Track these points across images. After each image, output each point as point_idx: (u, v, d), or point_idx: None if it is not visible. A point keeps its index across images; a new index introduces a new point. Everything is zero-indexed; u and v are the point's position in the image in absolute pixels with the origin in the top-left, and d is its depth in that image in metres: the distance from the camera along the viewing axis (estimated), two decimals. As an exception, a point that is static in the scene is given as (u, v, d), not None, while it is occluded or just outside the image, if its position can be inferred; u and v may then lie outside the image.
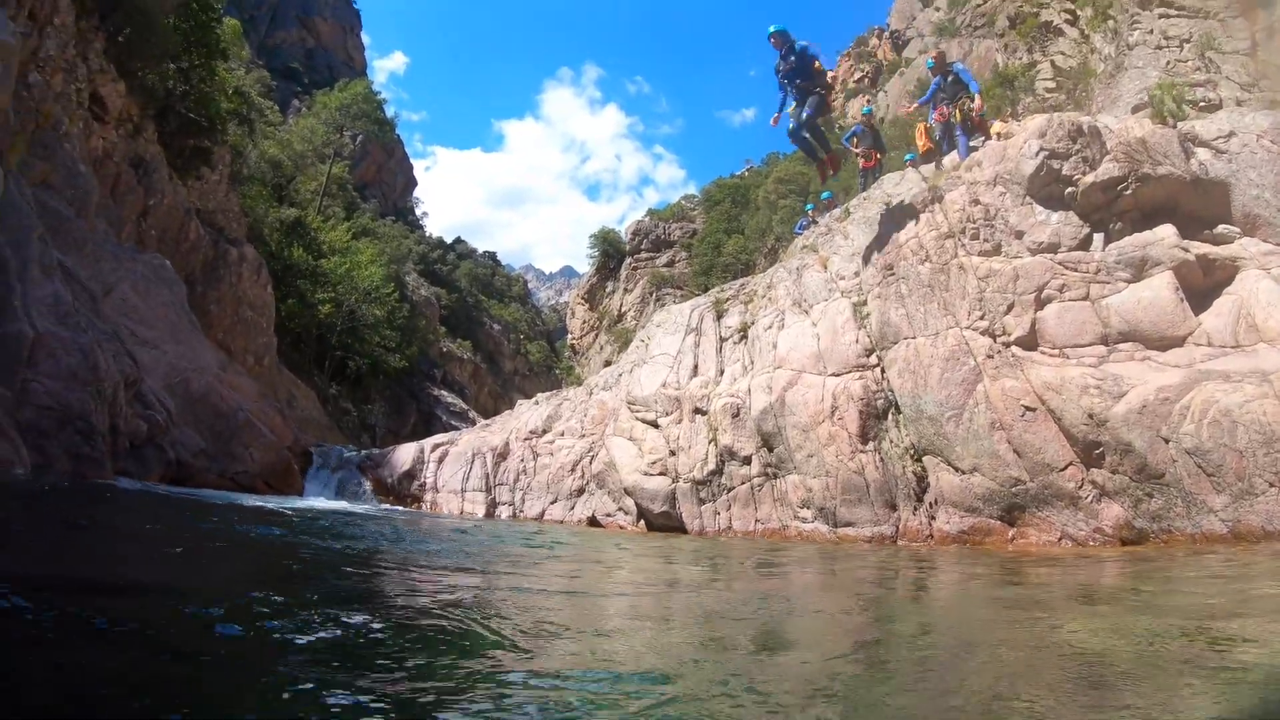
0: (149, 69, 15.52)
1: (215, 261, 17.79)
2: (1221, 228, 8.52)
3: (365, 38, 77.86)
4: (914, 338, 9.60)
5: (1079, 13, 20.63)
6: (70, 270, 9.69)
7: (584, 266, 55.09)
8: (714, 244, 42.64)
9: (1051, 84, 21.27)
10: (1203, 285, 8.31)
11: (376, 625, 3.09)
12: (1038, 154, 9.23)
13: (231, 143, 21.68)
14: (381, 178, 60.65)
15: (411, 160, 70.47)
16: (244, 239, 20.80)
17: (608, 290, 51.01)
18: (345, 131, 41.76)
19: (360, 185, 53.14)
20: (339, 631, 2.91)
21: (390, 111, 49.43)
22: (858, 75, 49.92)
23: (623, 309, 48.27)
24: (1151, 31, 16.24)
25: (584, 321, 52.03)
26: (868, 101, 32.89)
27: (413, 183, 69.67)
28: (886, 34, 49.27)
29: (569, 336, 56.14)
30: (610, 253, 51.45)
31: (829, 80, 10.54)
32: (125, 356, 9.91)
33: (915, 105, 14.70)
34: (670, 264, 47.94)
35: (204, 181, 19.03)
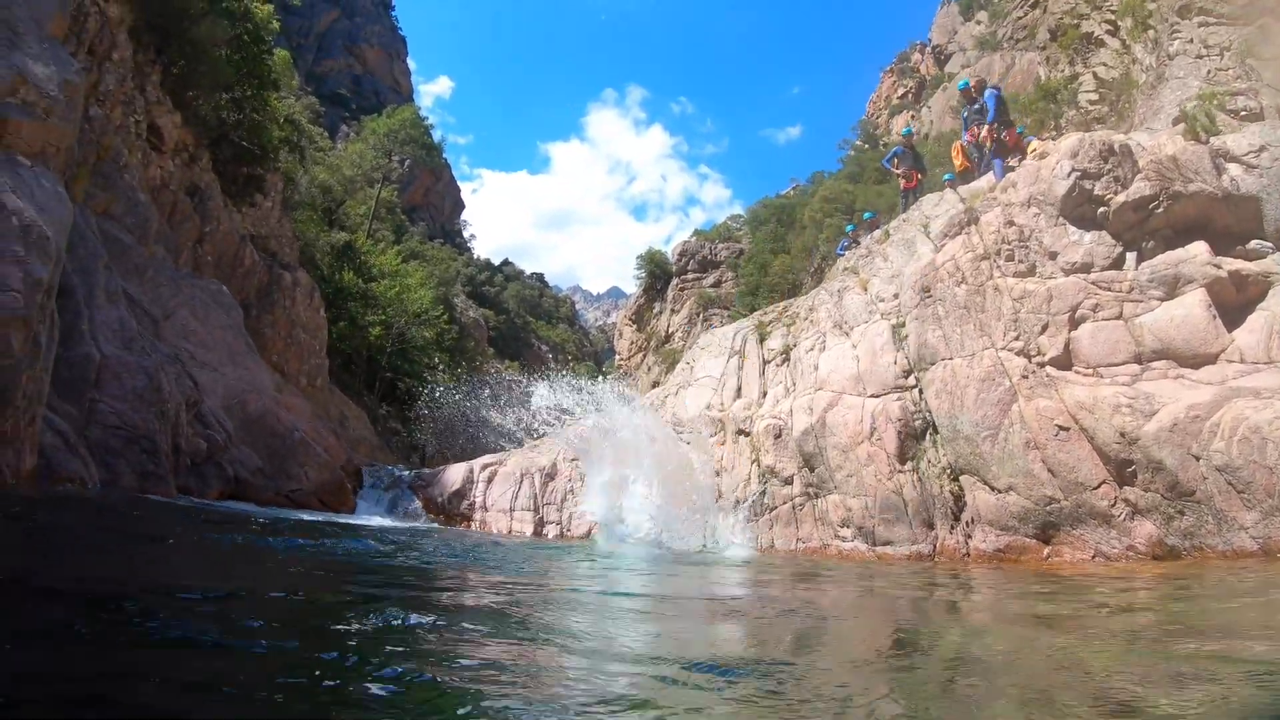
0: (203, 100, 16.28)
1: (269, 286, 18.55)
2: (1254, 243, 8.57)
3: (411, 63, 79.93)
4: (951, 359, 9.78)
5: (1120, 23, 20.54)
6: (132, 296, 10.36)
7: (631, 287, 55.53)
8: (760, 264, 42.70)
9: (1094, 96, 21.18)
10: (1236, 301, 8.37)
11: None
12: (1069, 174, 9.38)
13: (283, 170, 22.48)
14: (429, 201, 62.15)
15: (459, 183, 72.09)
16: (297, 264, 21.60)
17: (655, 311, 51.39)
18: (393, 156, 42.95)
19: (409, 208, 54.52)
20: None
21: (437, 135, 50.81)
22: (901, 91, 49.78)
23: (670, 329, 48.57)
24: (1191, 40, 16.17)
25: (631, 342, 52.46)
26: (908, 121, 32.89)
27: (460, 205, 71.17)
28: (929, 49, 49.11)
29: (616, 357, 56.60)
30: (657, 273, 51.84)
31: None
32: (186, 378, 10.55)
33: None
34: (717, 284, 48.14)
35: (257, 208, 19.78)
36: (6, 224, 5.63)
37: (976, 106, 13.23)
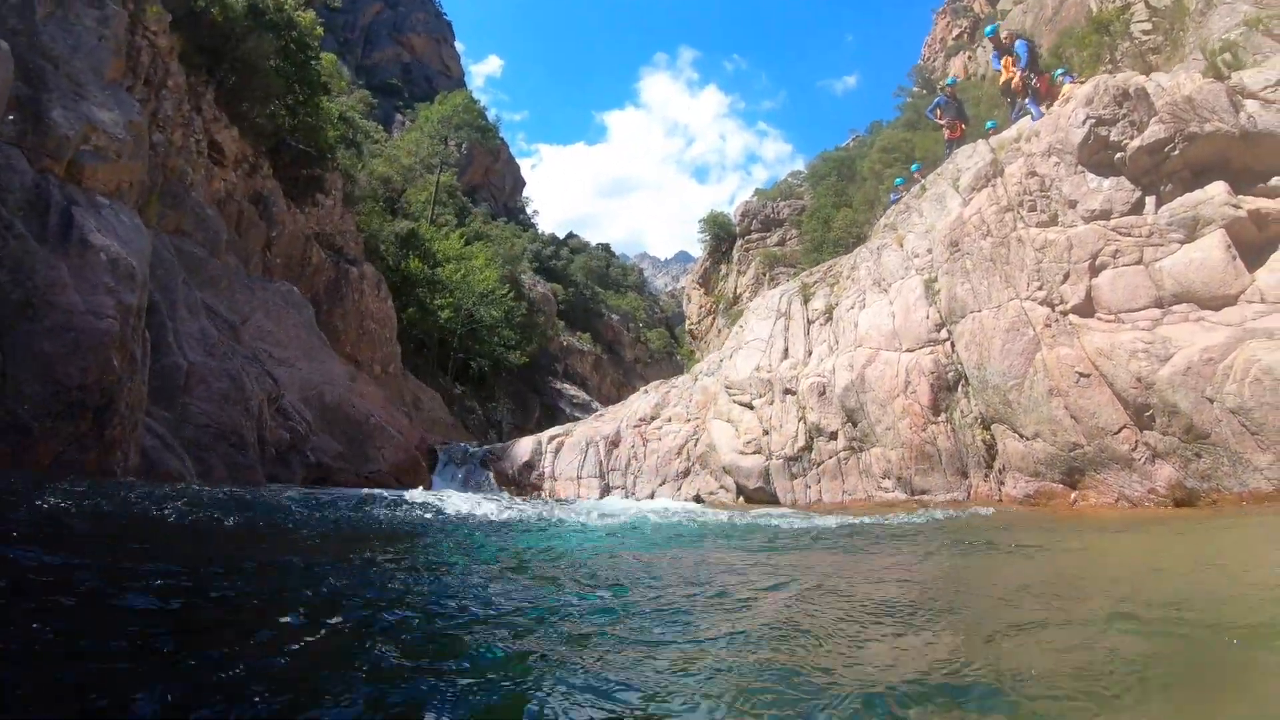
0: (258, 111, 17.12)
1: (337, 281, 19.60)
2: (1275, 180, 8.47)
3: (459, 45, 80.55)
4: (979, 311, 10.01)
5: (1171, -55, 19.63)
6: (211, 305, 11.40)
7: (698, 250, 55.36)
8: (823, 219, 42.04)
9: (1147, 26, 20.36)
10: (1258, 240, 8.35)
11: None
12: (1084, 122, 9.41)
13: (342, 167, 23.39)
14: (489, 180, 63.13)
15: (517, 160, 72.69)
16: (362, 257, 22.65)
17: (721, 273, 51.21)
18: (449, 141, 43.73)
19: (470, 190, 55.54)
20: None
21: (491, 115, 51.46)
22: (955, 32, 47.90)
23: (738, 290, 48.38)
24: (1243, -40, 15.50)
25: (700, 306, 52.47)
26: (965, 62, 32.01)
27: (520, 182, 71.94)
28: (982, -16, 47.05)
29: (687, 322, 56.89)
30: (721, 235, 51.53)
31: None
32: (266, 376, 11.58)
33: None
34: (781, 243, 47.64)
35: (320, 207, 20.67)
36: (96, 260, 6.53)
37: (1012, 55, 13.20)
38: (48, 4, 7.93)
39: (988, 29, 13.65)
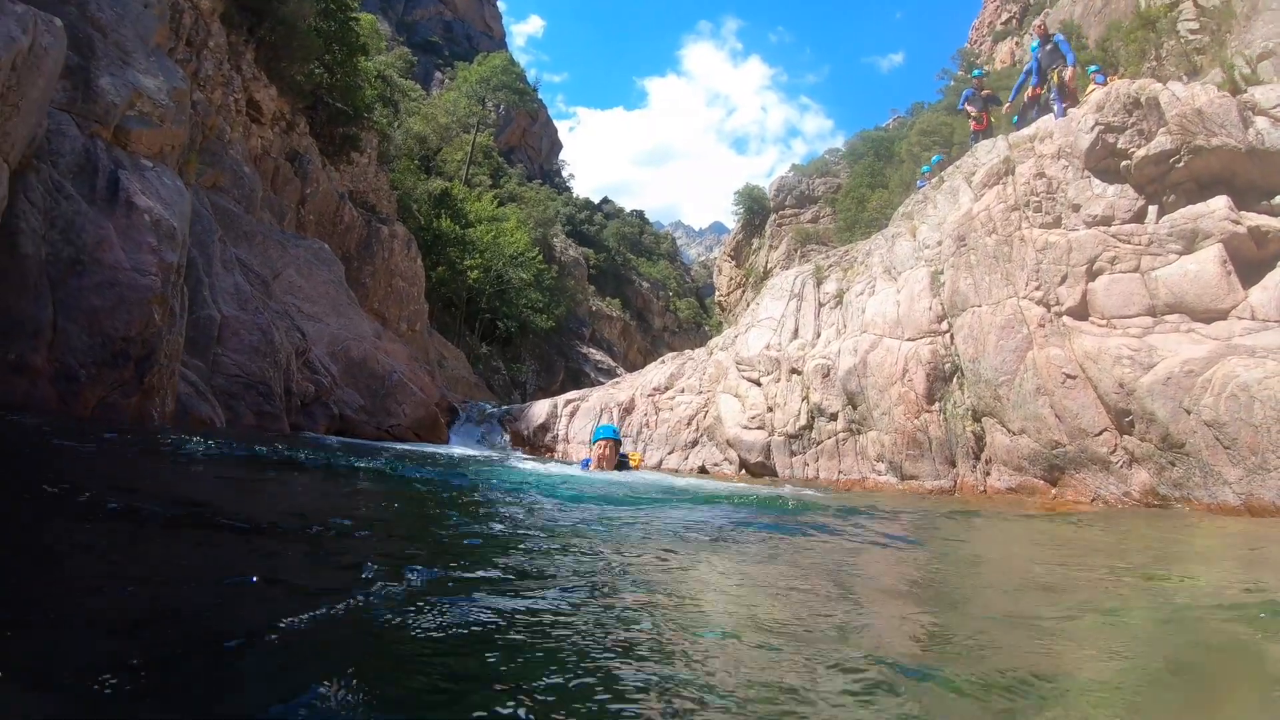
0: (297, 70, 17.55)
1: (368, 239, 20.14)
2: (1279, 198, 8.63)
3: (501, 4, 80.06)
4: (979, 306, 10.29)
5: (1223, -56, 19.25)
6: (244, 261, 11.95)
7: (732, 222, 55.32)
8: (858, 199, 41.83)
9: (1195, 25, 20.06)
10: (1256, 257, 8.47)
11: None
12: (1093, 128, 9.56)
13: (377, 125, 23.83)
14: (526, 142, 63.26)
15: (555, 123, 72.62)
16: (394, 216, 23.15)
17: (753, 247, 51.24)
18: (487, 103, 43.91)
19: (506, 151, 55.79)
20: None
21: (531, 76, 51.44)
22: (1004, 17, 47.04)
23: (768, 265, 48.46)
24: (1290, -34, 15.27)
25: (730, 279, 52.60)
26: (998, 58, 31.69)
27: (558, 145, 71.94)
28: (1033, -30, 46.06)
29: (716, 294, 57.05)
30: (755, 209, 51.51)
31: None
32: (295, 331, 12.17)
33: (1010, 103, 15.14)
34: (815, 220, 47.59)
35: (354, 165, 21.18)
36: (140, 221, 7.05)
37: (1050, 48, 13.23)
38: (100, -28, 8.39)
39: (1034, 45, 13.80)
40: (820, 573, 3.68)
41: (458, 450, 13.24)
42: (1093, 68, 14.56)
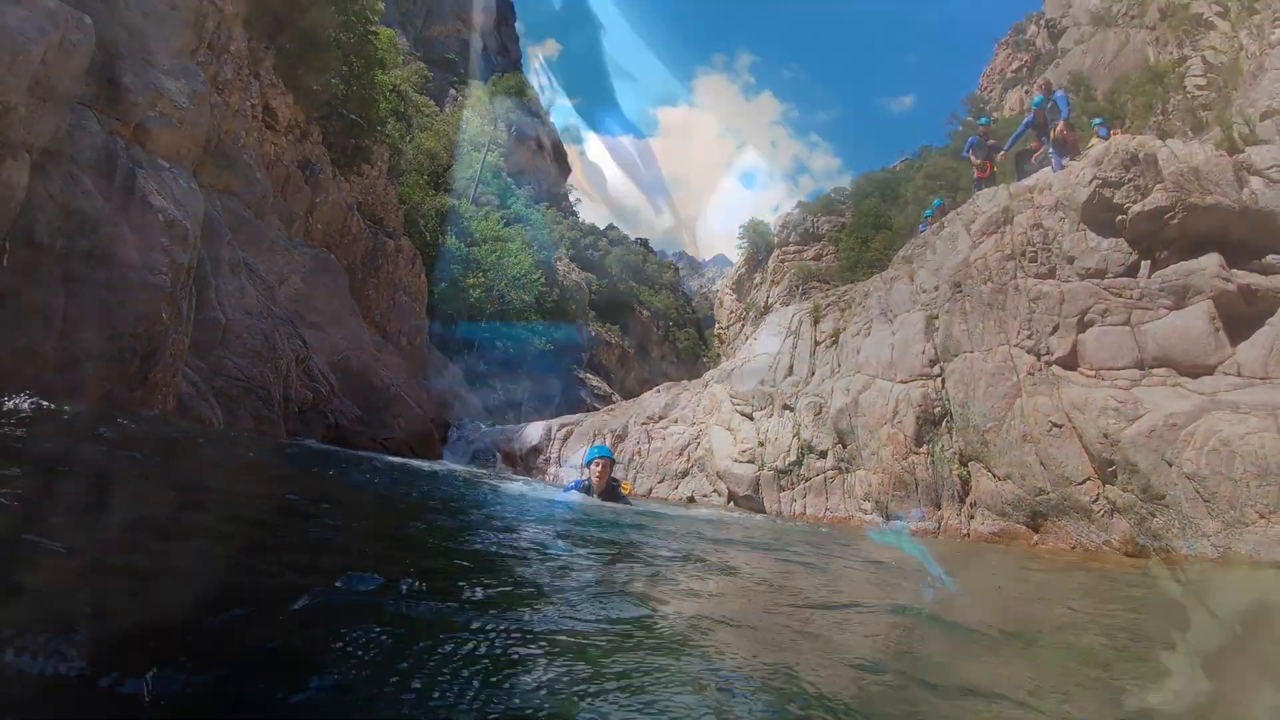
0: (314, 80, 17.73)
1: (374, 252, 20.26)
2: (1270, 257, 8.80)
3: (519, 26, 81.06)
4: (971, 352, 10.44)
5: (1229, 4, 19.77)
6: (251, 266, 12.06)
7: (736, 255, 55.96)
8: (861, 239, 42.33)
9: (1201, 81, 20.51)
10: (1245, 315, 8.68)
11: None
12: (1090, 182, 9.78)
13: (390, 140, 24.09)
14: (535, 165, 63.67)
15: (565, 146, 73.29)
16: (400, 230, 23.28)
17: (755, 281, 51.69)
18: (499, 124, 44.43)
19: (514, 172, 56.26)
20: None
21: (544, 100, 52.11)
22: (1015, 65, 47.87)
23: (769, 300, 48.85)
24: (1296, 30, 15.69)
25: (731, 311, 52.97)
26: (986, 113, 32.30)
27: (566, 169, 72.58)
28: (1043, 21, 46.94)
29: (716, 326, 57.34)
30: (759, 244, 52.12)
31: None
32: (297, 338, 12.27)
33: (1005, 151, 15.53)
34: (818, 257, 48.08)
35: (364, 177, 21.34)
36: (154, 220, 7.21)
37: (1051, 105, 13.56)
38: (129, -25, 8.62)
39: (1035, 100, 14.11)
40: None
41: (449, 466, 13.32)
42: (1097, 120, 14.89)
